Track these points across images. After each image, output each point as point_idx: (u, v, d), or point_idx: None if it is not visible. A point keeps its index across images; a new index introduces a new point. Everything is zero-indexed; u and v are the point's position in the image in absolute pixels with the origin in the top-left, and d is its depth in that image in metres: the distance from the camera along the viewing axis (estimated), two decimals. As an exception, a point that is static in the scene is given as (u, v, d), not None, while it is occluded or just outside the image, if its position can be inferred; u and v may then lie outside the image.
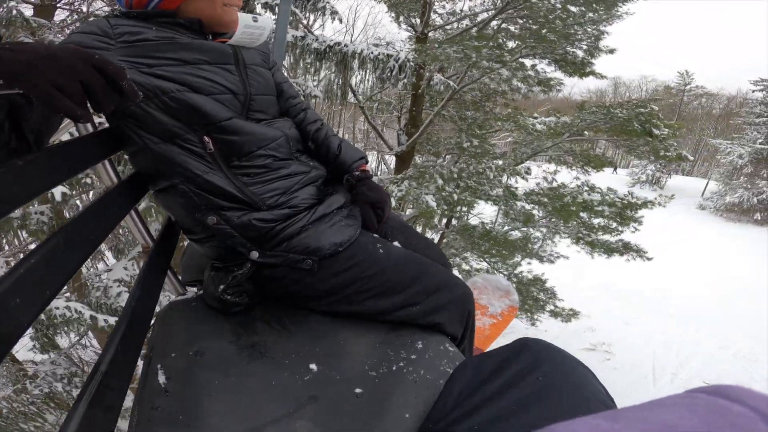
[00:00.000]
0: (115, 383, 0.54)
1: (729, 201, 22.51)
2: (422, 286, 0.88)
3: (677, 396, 0.24)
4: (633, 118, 6.04)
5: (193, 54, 0.83)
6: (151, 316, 0.75)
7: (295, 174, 0.92)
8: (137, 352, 0.64)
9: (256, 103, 0.91)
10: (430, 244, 1.13)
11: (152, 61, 0.79)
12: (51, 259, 0.50)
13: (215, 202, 0.84)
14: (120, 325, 0.60)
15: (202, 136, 0.82)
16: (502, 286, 1.63)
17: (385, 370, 0.73)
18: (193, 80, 0.81)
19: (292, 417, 0.61)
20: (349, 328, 0.86)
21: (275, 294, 0.90)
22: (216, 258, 0.91)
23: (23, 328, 0.41)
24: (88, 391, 0.48)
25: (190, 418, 0.60)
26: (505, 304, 1.59)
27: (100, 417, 0.49)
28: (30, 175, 0.53)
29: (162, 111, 0.79)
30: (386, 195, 1.02)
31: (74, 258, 0.57)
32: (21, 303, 0.41)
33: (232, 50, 0.90)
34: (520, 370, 0.53)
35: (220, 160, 0.84)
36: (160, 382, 0.67)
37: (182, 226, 0.93)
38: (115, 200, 0.79)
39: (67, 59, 0.50)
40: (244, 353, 0.76)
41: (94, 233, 0.65)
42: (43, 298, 0.46)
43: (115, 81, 0.53)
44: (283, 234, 0.86)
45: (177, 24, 0.86)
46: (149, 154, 0.82)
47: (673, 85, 30.75)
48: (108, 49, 0.77)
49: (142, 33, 0.80)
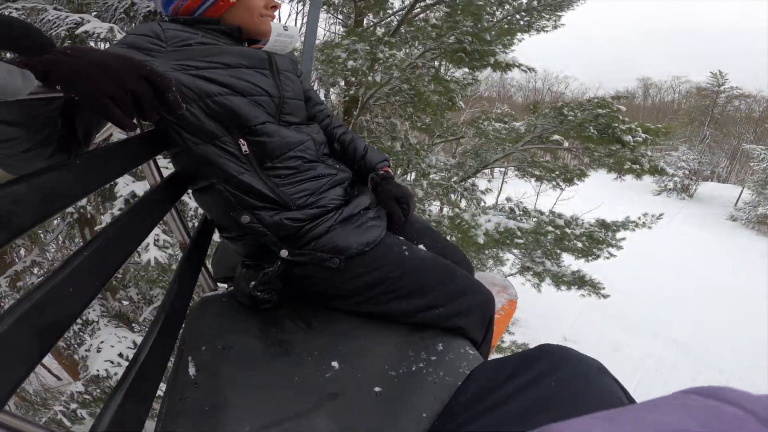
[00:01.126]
0: (151, 374, 0.57)
1: (761, 212, 21.34)
2: (446, 290, 0.89)
3: (671, 397, 0.24)
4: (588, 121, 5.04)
5: (234, 58, 0.89)
6: (185, 309, 0.80)
7: (323, 176, 0.96)
8: (172, 344, 0.69)
9: (288, 106, 0.96)
10: (455, 249, 1.14)
11: (199, 64, 0.85)
12: (101, 252, 0.54)
13: (249, 201, 0.89)
14: (158, 317, 0.64)
15: (238, 139, 0.88)
16: (498, 281, 1.65)
17: (405, 371, 0.75)
18: (235, 82, 0.87)
19: (312, 413, 0.64)
20: (372, 328, 0.88)
21: (304, 292, 0.93)
22: (248, 255, 0.95)
23: (75, 315, 0.45)
24: (126, 381, 0.51)
25: (215, 410, 0.64)
26: (504, 299, 1.60)
27: (135, 406, 0.52)
28: (86, 172, 0.57)
29: (204, 114, 0.85)
30: (410, 192, 1.05)
31: (122, 251, 0.61)
32: (74, 292, 0.46)
33: (267, 56, 0.96)
34: (538, 373, 0.53)
35: (254, 161, 0.89)
36: (190, 374, 0.71)
37: (217, 224, 0.99)
38: (159, 198, 0.85)
39: (120, 69, 0.52)
40: (269, 349, 0.79)
41: (139, 228, 0.70)
42: (93, 288, 0.50)
43: (163, 92, 0.56)
44: (312, 233, 0.89)
45: (219, 31, 0.93)
46: (190, 155, 0.88)
47: (705, 86, 28.82)
48: (160, 51, 0.83)
49: (190, 38, 0.87)
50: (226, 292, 1.00)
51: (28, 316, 0.39)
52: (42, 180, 0.47)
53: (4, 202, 0.41)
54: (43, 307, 0.41)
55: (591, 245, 5.63)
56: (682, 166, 26.37)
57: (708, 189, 28.16)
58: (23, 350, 0.38)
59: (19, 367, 0.36)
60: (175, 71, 0.83)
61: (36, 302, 0.41)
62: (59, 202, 0.50)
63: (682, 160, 26.58)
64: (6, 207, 0.41)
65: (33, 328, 0.39)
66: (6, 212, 0.41)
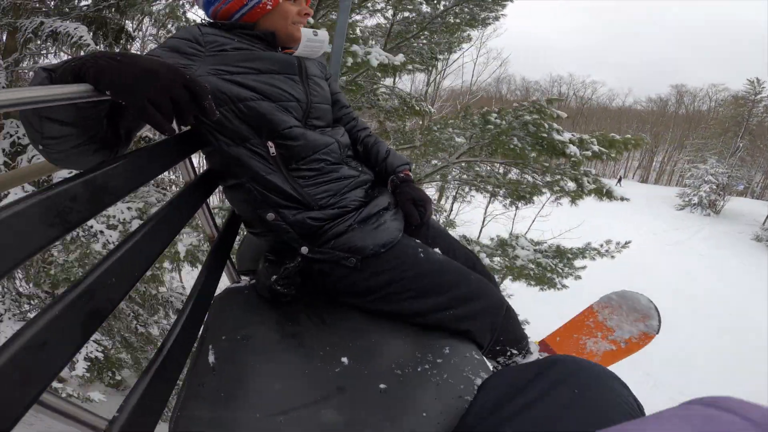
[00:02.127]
0: (176, 358, 0.63)
1: None
2: (458, 293, 0.92)
3: (675, 409, 0.26)
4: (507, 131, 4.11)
5: (265, 64, 0.94)
6: (210, 299, 0.86)
7: (345, 177, 1.01)
8: (197, 331, 0.75)
9: (315, 110, 1.01)
10: (471, 254, 1.17)
11: (233, 69, 0.91)
12: (142, 244, 0.60)
13: (274, 200, 0.95)
14: (186, 305, 0.70)
15: (267, 142, 0.93)
16: (641, 307, 1.38)
17: (411, 370, 0.78)
18: (266, 88, 0.92)
19: (319, 404, 0.68)
20: (384, 327, 0.92)
21: (321, 288, 0.98)
22: (270, 251, 1.01)
23: (115, 303, 0.51)
24: (155, 363, 0.57)
25: (230, 396, 0.69)
26: (637, 330, 1.36)
27: (161, 387, 0.58)
28: (131, 170, 0.63)
29: (237, 117, 0.91)
30: (427, 196, 1.09)
31: (159, 242, 0.67)
32: (116, 282, 0.52)
33: (297, 62, 1.01)
34: (554, 381, 0.54)
35: (281, 163, 0.94)
36: (209, 362, 0.77)
37: (244, 220, 1.05)
38: (192, 193, 0.91)
39: (165, 77, 0.57)
40: (285, 342, 0.85)
41: (173, 222, 0.76)
42: (133, 277, 0.57)
43: (200, 99, 0.61)
44: (331, 232, 0.94)
45: (254, 36, 0.98)
46: (222, 154, 0.95)
47: (742, 94, 26.81)
48: (198, 55, 0.90)
49: (226, 43, 0.93)
50: (248, 284, 1.06)
51: (79, 300, 0.45)
52: (93, 178, 0.53)
53: (64, 199, 0.46)
54: (92, 294, 0.47)
55: (542, 273, 4.87)
56: (710, 180, 24.97)
57: (737, 205, 26.38)
58: (71, 334, 0.43)
59: (67, 349, 0.42)
60: (211, 75, 0.89)
61: (84, 290, 0.47)
62: (108, 198, 0.55)
63: (710, 174, 25.25)
64: (64, 204, 0.46)
65: (80, 314, 0.45)
66: (66, 208, 0.46)
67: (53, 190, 0.45)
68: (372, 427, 0.65)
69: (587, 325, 1.47)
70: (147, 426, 0.52)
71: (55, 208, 0.45)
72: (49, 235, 0.43)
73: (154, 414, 0.54)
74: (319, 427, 0.64)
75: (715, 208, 24.98)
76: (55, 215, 0.44)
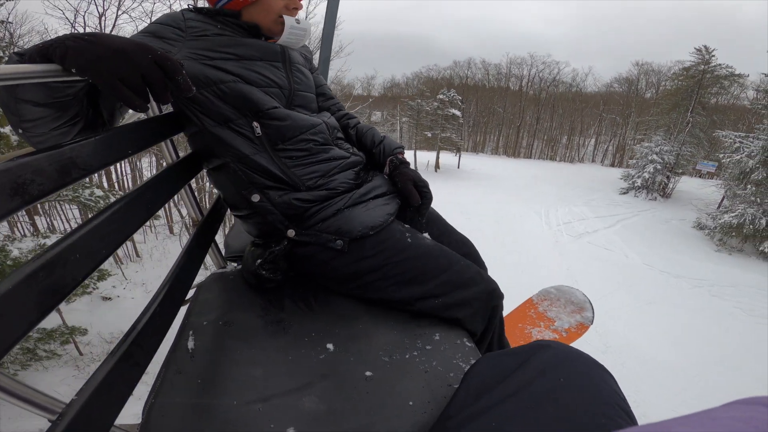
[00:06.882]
0: (145, 343, 0.60)
1: (726, 221, 14.74)
2: (447, 279, 0.89)
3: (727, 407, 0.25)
4: None
5: (247, 50, 0.93)
6: (190, 284, 0.83)
7: (334, 159, 0.98)
8: (172, 317, 0.71)
9: (298, 98, 1.00)
10: (465, 240, 1.15)
11: (213, 54, 0.89)
12: (111, 222, 0.58)
13: (260, 180, 0.92)
14: (162, 288, 0.67)
15: (252, 122, 0.91)
16: (577, 300, 1.54)
17: (398, 357, 0.76)
18: (246, 73, 0.91)
19: (301, 392, 0.66)
20: (372, 314, 0.89)
21: (307, 273, 0.96)
22: (257, 235, 0.99)
23: (78, 281, 0.48)
24: (122, 345, 0.54)
25: (207, 383, 0.67)
26: (574, 321, 1.49)
27: (128, 371, 0.55)
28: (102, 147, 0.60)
29: (218, 98, 0.89)
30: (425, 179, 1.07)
31: (131, 223, 0.64)
32: (80, 258, 0.49)
33: (281, 49, 0.99)
34: (539, 368, 0.53)
35: (267, 143, 0.92)
36: (188, 348, 0.74)
37: (229, 203, 1.02)
38: (172, 175, 0.88)
39: (134, 54, 0.55)
40: (269, 328, 0.82)
41: (150, 202, 0.73)
42: (99, 255, 0.53)
43: (172, 75, 0.59)
44: (319, 215, 0.92)
45: (237, 24, 0.96)
46: (206, 135, 0.92)
47: (688, 65, 22.03)
48: (178, 40, 0.88)
49: (208, 29, 0.91)
50: (235, 270, 1.03)
51: (36, 275, 0.42)
52: (60, 152, 0.51)
53: (26, 171, 0.44)
54: (51, 269, 0.44)
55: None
56: (654, 160, 21.21)
57: (687, 186, 22.74)
58: (26, 308, 0.40)
59: (20, 324, 0.39)
60: (191, 59, 0.87)
61: (44, 263, 0.44)
62: (75, 172, 0.53)
63: (654, 152, 21.39)
64: (26, 176, 0.44)
65: (38, 288, 0.42)
66: (26, 180, 0.44)
67: (14, 162, 0.44)
68: (354, 415, 0.62)
69: (529, 316, 1.60)
70: (109, 411, 0.49)
71: (15, 180, 0.43)
72: (7, 206, 0.42)
73: (119, 400, 0.51)
74: (299, 415, 0.61)
75: (665, 191, 21.77)
76: (14, 187, 0.43)
